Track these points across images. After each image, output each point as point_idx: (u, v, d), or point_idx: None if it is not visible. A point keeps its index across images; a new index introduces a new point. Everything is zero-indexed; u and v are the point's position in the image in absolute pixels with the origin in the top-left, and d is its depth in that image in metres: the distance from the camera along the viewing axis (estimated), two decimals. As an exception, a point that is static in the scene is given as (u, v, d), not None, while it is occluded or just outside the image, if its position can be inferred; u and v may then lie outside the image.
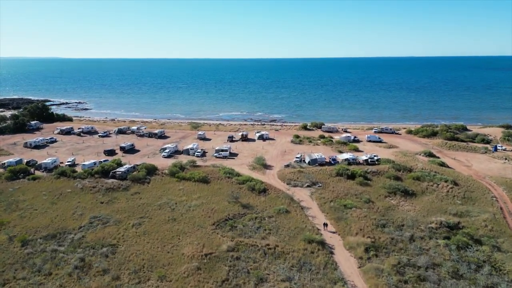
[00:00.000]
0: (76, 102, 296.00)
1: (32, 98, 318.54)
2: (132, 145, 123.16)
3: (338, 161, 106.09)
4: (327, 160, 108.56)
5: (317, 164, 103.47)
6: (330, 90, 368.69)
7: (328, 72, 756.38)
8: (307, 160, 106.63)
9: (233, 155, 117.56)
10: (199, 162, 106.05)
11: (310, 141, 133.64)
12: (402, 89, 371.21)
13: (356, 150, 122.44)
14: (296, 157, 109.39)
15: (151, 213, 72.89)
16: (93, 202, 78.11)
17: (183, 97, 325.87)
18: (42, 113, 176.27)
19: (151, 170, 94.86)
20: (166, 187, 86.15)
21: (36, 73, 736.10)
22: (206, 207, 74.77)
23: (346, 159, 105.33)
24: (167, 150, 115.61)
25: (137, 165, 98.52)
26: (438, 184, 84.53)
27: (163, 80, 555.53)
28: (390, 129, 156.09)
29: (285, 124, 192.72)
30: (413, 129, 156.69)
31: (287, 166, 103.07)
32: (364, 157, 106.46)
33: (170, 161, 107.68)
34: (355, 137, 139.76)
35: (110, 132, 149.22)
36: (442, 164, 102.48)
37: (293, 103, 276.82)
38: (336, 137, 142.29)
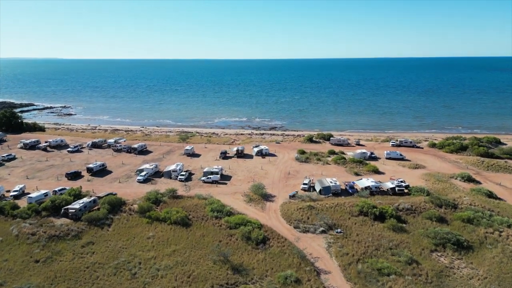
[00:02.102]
0: (61, 107, 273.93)
1: (16, 102, 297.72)
2: (103, 165, 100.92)
3: (356, 189, 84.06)
4: (343, 187, 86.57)
5: (330, 194, 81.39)
6: (334, 93, 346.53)
7: (330, 73, 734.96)
8: (317, 187, 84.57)
9: (225, 178, 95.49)
10: (181, 190, 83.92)
11: (319, 159, 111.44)
12: (410, 92, 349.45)
13: (376, 171, 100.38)
14: (304, 183, 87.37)
15: (102, 282, 50.73)
16: (25, 260, 55.95)
17: (178, 100, 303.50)
18: (10, 122, 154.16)
19: (116, 205, 72.66)
20: (132, 233, 63.94)
21: (30, 75, 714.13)
22: (181, 271, 52.64)
23: (368, 188, 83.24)
24: (144, 173, 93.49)
25: (99, 197, 76.38)
26: (501, 232, 62.38)
27: (159, 82, 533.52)
28: (410, 142, 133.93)
29: (287, 133, 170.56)
30: (436, 142, 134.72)
31: (293, 196, 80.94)
32: (390, 184, 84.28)
33: (146, 188, 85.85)
34: (371, 153, 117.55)
35: (83, 146, 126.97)
36: (490, 195, 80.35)
37: (295, 108, 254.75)
38: (349, 152, 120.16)
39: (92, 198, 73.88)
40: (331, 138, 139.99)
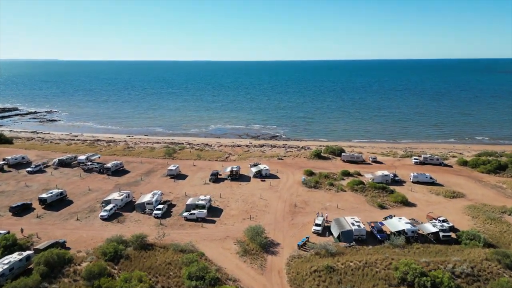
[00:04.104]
0: (45, 112, 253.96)
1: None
2: (61, 194, 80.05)
3: (386, 234, 63.41)
4: (368, 228, 65.97)
5: (353, 243, 60.78)
6: (339, 97, 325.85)
7: (332, 75, 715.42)
8: (335, 231, 63.99)
9: (214, 211, 74.81)
10: (153, 235, 63.11)
11: (331, 184, 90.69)
12: (419, 96, 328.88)
13: (405, 202, 79.73)
14: (316, 224, 66.66)
15: None
16: None
17: (173, 105, 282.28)
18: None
19: (57, 266, 51.90)
20: (68, 318, 43.33)
21: (25, 76, 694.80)
22: None
23: (402, 232, 62.61)
24: (110, 207, 72.90)
25: (38, 250, 55.71)
26: None
27: (156, 84, 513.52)
28: (437, 159, 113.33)
29: (290, 143, 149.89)
30: (468, 158, 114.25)
31: (303, 245, 60.38)
32: (431, 227, 63.51)
33: (110, 229, 65.64)
34: (394, 175, 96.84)
35: (47, 165, 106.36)
36: None
37: (298, 114, 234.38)
38: (367, 174, 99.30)
39: (25, 254, 53.04)
40: (342, 154, 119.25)
